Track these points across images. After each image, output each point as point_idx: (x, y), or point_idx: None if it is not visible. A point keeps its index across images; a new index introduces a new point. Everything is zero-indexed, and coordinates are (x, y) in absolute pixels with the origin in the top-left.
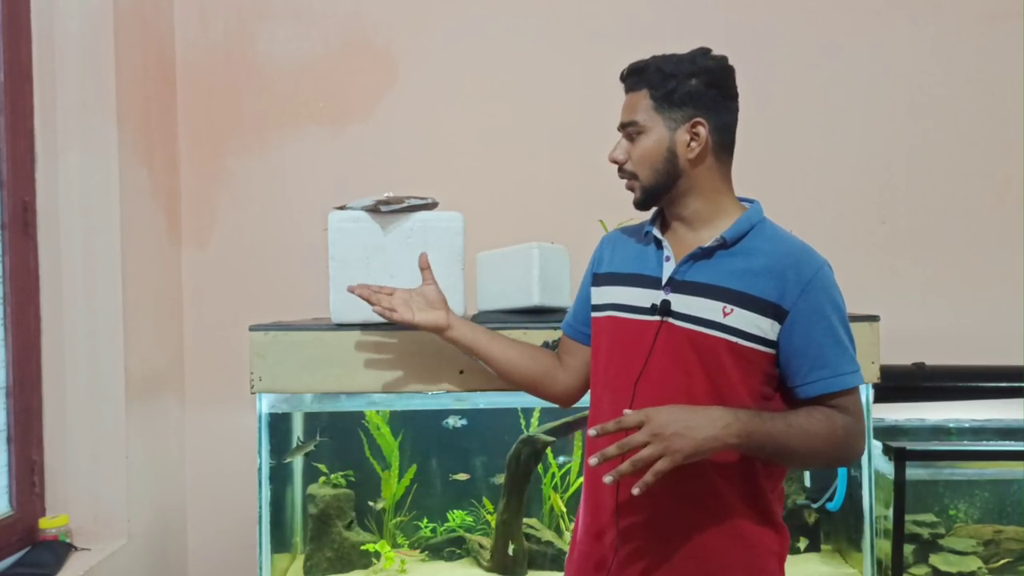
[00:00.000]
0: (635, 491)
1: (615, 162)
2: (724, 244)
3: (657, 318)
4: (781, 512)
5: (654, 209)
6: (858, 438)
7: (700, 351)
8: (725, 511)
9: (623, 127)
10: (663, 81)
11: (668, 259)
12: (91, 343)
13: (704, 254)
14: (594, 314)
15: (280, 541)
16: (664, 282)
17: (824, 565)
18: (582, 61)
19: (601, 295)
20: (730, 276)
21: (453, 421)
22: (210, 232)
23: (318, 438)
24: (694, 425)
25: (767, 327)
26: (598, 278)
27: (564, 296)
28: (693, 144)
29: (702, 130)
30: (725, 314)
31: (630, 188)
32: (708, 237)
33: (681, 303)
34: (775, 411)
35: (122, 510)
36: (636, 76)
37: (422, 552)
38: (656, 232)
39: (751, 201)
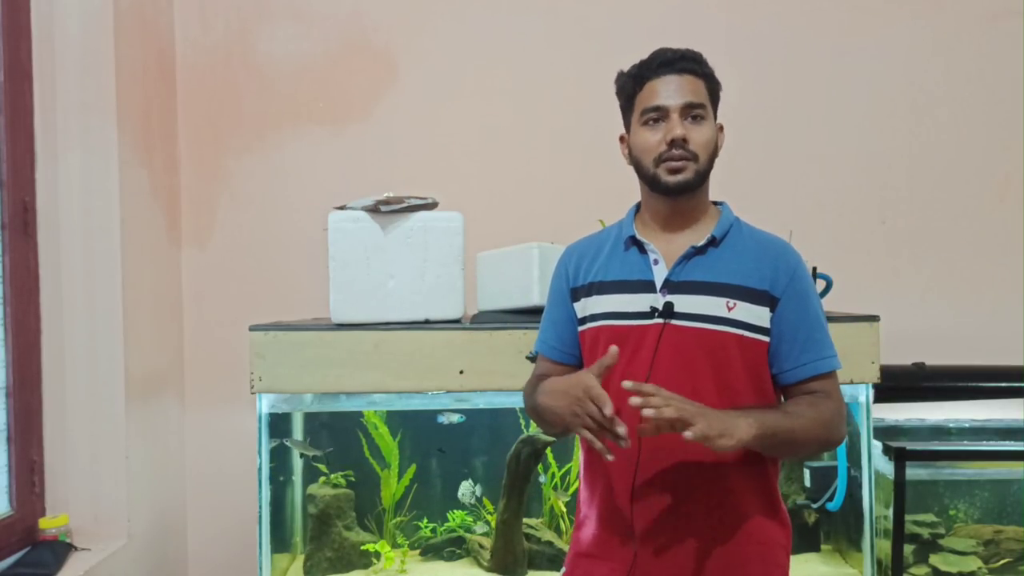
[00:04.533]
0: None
1: (683, 140)
2: (714, 242)
3: (659, 321)
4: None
5: (629, 214)
6: (842, 422)
7: (708, 348)
8: (741, 509)
9: (690, 107)
10: (713, 77)
11: (657, 262)
12: (91, 343)
13: (697, 253)
14: (580, 327)
15: (280, 541)
16: (660, 285)
17: (824, 565)
18: (582, 61)
19: (587, 307)
20: (726, 272)
21: (448, 417)
22: (210, 232)
23: (325, 450)
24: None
25: (765, 316)
26: (577, 292)
27: None
28: (719, 143)
29: (722, 135)
30: (729, 308)
31: (677, 169)
32: (691, 237)
33: (684, 303)
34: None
35: (122, 510)
36: (695, 63)
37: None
38: (640, 236)
39: (719, 203)
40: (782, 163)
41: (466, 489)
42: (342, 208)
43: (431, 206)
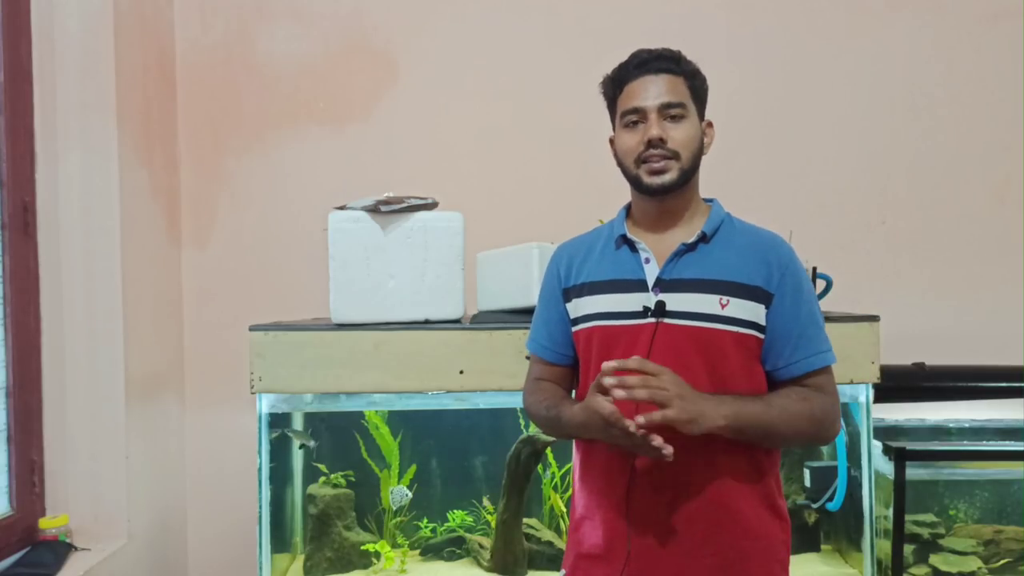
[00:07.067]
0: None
1: (660, 140)
2: (704, 238)
3: (652, 320)
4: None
5: (620, 214)
6: (835, 419)
7: (702, 346)
8: (738, 506)
9: (667, 107)
10: (695, 74)
11: (648, 261)
12: (91, 343)
13: (688, 250)
14: (574, 327)
15: (280, 541)
16: (652, 284)
17: (824, 565)
18: (582, 61)
19: (579, 307)
20: (718, 268)
21: None
22: (210, 232)
23: (314, 442)
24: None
25: (760, 312)
26: (569, 292)
27: None
28: (706, 140)
29: (711, 131)
30: (722, 306)
31: (662, 170)
32: (682, 235)
33: (676, 301)
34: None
35: (122, 510)
36: (672, 62)
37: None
38: (631, 235)
39: (710, 200)
40: (782, 163)
41: (398, 494)
42: (342, 208)
43: (431, 206)
